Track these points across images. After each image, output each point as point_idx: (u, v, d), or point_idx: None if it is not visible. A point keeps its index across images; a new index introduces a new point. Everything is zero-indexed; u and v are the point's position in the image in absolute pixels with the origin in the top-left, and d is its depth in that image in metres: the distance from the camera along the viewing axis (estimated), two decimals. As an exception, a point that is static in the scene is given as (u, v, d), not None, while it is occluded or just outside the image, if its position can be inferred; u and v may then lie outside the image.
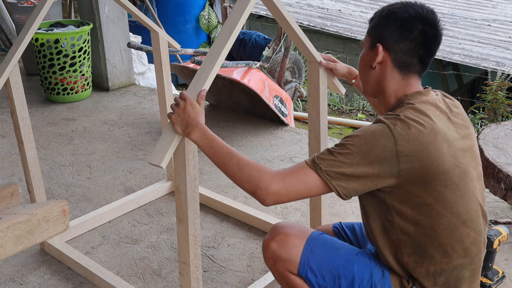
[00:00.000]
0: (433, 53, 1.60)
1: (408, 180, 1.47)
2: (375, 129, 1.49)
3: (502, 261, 2.39)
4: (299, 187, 1.49)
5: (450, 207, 1.51)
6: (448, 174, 1.49)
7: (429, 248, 1.54)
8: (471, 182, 1.55)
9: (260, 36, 4.10)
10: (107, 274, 2.27)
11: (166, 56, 2.66)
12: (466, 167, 1.53)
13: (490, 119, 5.34)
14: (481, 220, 1.59)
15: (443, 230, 1.52)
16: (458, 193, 1.51)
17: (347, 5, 9.51)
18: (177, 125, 1.59)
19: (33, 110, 4.20)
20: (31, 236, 1.38)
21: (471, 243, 1.56)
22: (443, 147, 1.49)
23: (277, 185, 1.48)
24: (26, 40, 2.16)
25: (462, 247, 1.55)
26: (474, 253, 1.58)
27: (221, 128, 3.88)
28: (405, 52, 1.57)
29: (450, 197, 1.50)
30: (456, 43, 7.33)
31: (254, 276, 2.35)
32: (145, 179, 3.20)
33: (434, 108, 1.56)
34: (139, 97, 4.52)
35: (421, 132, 1.47)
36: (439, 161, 1.47)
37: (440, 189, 1.49)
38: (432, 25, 1.56)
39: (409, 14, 1.56)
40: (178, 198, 1.67)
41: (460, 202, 1.52)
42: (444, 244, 1.54)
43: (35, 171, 2.39)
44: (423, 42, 1.56)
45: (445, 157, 1.48)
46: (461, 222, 1.53)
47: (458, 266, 1.57)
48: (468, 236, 1.55)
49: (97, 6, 4.38)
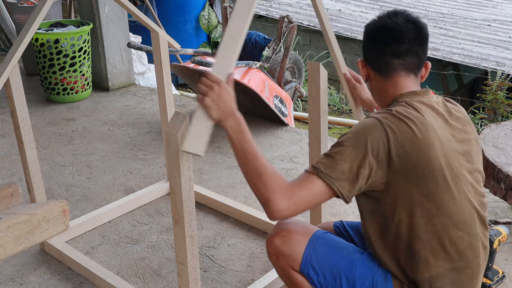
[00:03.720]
0: (402, 41, 1.59)
1: (399, 175, 1.48)
2: (366, 123, 1.52)
3: (502, 261, 2.39)
4: (307, 196, 1.48)
5: (441, 207, 1.51)
6: (439, 172, 1.49)
7: (423, 252, 1.54)
8: (465, 185, 1.55)
9: (260, 36, 4.10)
10: (107, 274, 2.27)
11: (166, 56, 2.66)
12: (459, 169, 1.54)
13: (490, 119, 5.34)
14: (477, 224, 1.58)
15: (435, 232, 1.52)
16: (450, 193, 1.51)
17: (347, 5, 9.51)
18: (213, 110, 1.47)
19: (33, 110, 4.20)
20: (31, 236, 1.38)
21: (466, 246, 1.55)
22: (435, 144, 1.50)
23: (286, 202, 1.47)
24: (26, 40, 2.16)
25: (456, 250, 1.54)
26: (471, 257, 1.57)
27: (221, 128, 3.88)
28: (375, 55, 1.63)
29: (442, 196, 1.50)
30: (456, 43, 7.33)
31: (254, 276, 2.35)
32: (145, 179, 3.20)
33: (430, 109, 1.58)
34: (139, 97, 4.52)
35: (411, 126, 1.49)
36: (429, 157, 1.48)
37: (432, 187, 1.49)
38: (391, 19, 1.61)
39: (374, 23, 1.65)
40: (174, 199, 1.67)
41: (451, 203, 1.52)
42: (437, 247, 1.53)
43: (35, 171, 2.39)
44: (386, 37, 1.60)
45: (436, 153, 1.49)
46: (453, 224, 1.53)
47: (453, 270, 1.56)
48: (462, 239, 1.54)
49: (97, 6, 4.38)
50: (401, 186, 1.49)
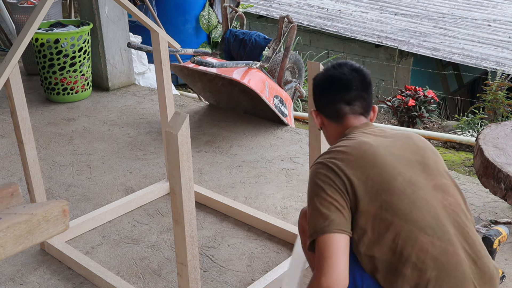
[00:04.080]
0: (350, 89, 1.73)
1: (356, 196, 1.55)
2: (312, 171, 1.64)
3: (502, 261, 2.39)
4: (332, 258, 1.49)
5: (402, 214, 1.53)
6: (389, 183, 1.56)
7: (398, 265, 1.51)
8: (422, 190, 1.57)
9: (260, 36, 4.09)
10: (107, 274, 2.28)
11: (166, 56, 2.66)
12: (412, 177, 1.59)
13: (490, 119, 5.34)
14: (449, 229, 1.55)
15: (403, 241, 1.51)
16: (407, 200, 1.54)
17: (347, 5, 9.51)
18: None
19: (33, 110, 4.20)
20: (31, 236, 1.39)
21: (439, 253, 1.51)
22: (377, 159, 1.59)
23: (327, 280, 1.47)
24: (26, 40, 2.16)
25: (430, 257, 1.51)
26: (448, 265, 1.51)
27: (221, 128, 3.88)
28: (327, 104, 1.77)
29: (399, 204, 1.54)
30: (456, 43, 7.34)
31: (254, 276, 2.35)
32: (145, 179, 3.20)
33: (370, 134, 1.69)
34: (139, 97, 4.52)
35: (349, 151, 1.62)
36: (374, 170, 1.57)
37: (386, 197, 1.54)
38: (337, 69, 1.76)
39: (322, 75, 1.80)
40: (174, 199, 1.67)
41: (412, 209, 1.54)
42: (410, 256, 1.50)
43: (35, 171, 2.39)
44: (335, 87, 1.75)
45: (380, 167, 1.57)
46: (420, 229, 1.52)
47: (432, 279, 1.50)
48: (434, 245, 1.51)
49: (97, 6, 4.38)
50: (358, 206, 1.55)
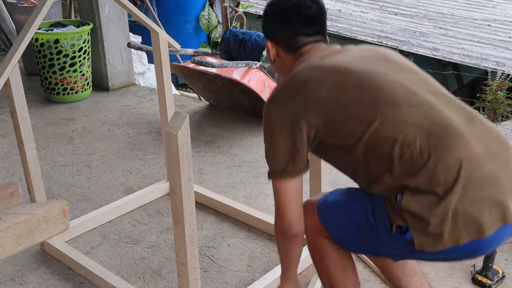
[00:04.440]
0: (314, 23, 1.72)
1: (327, 110, 1.55)
2: (266, 111, 1.63)
3: (502, 261, 2.39)
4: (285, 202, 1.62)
5: (368, 104, 1.52)
6: (352, 76, 1.56)
7: (388, 151, 1.49)
8: (386, 76, 1.56)
9: (260, 36, 4.10)
10: (107, 274, 2.28)
11: (166, 56, 2.66)
12: (374, 68, 1.58)
13: (490, 119, 5.33)
14: (426, 96, 1.53)
15: (381, 125, 1.49)
16: (369, 88, 1.54)
17: (347, 5, 9.51)
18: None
19: (33, 110, 4.20)
20: (31, 236, 1.39)
21: (421, 119, 1.48)
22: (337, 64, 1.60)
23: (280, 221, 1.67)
24: (26, 40, 2.16)
25: (412, 127, 1.47)
26: (435, 127, 1.47)
27: (221, 128, 3.88)
28: (287, 37, 1.72)
29: (362, 96, 1.53)
30: (456, 43, 7.33)
31: (254, 276, 2.35)
32: (145, 179, 3.20)
33: (317, 55, 1.68)
34: (139, 97, 4.52)
35: (299, 73, 1.62)
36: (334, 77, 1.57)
37: (351, 94, 1.54)
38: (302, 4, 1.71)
39: (281, 5, 1.73)
40: (174, 199, 1.67)
41: (378, 94, 1.52)
42: (391, 136, 1.48)
43: (35, 171, 2.39)
44: (297, 21, 1.71)
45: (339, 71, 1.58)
46: (392, 106, 1.50)
47: (425, 147, 1.46)
48: (412, 115, 1.48)
49: (97, 6, 4.38)
50: (324, 111, 1.55)
